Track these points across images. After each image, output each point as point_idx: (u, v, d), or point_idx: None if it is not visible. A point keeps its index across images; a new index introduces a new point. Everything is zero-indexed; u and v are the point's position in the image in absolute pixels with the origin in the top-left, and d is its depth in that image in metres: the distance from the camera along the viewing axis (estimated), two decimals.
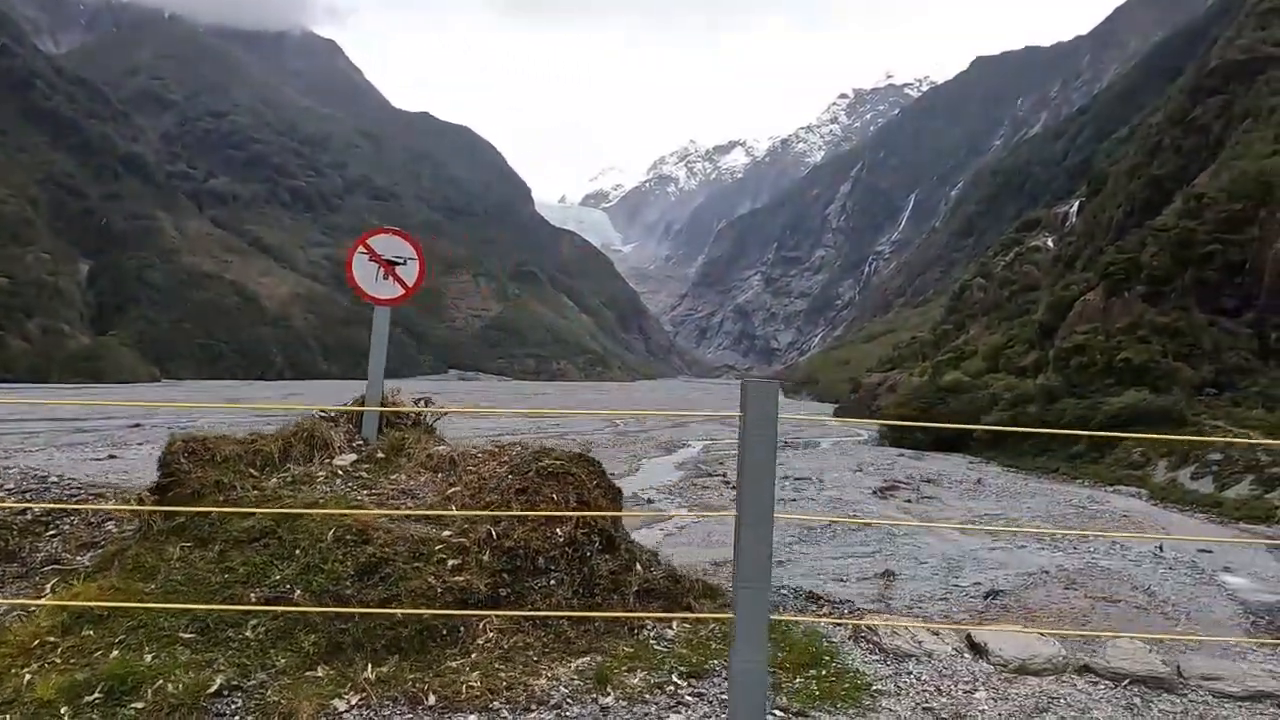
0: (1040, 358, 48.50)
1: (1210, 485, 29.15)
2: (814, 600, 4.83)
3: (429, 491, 4.56)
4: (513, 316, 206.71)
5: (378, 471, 4.87)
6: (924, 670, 3.85)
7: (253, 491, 4.44)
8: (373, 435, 5.39)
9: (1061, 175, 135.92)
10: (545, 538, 4.16)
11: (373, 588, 3.85)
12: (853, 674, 3.78)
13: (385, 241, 5.65)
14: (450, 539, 4.10)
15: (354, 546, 3.97)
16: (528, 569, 4.07)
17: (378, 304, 5.60)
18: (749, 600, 2.53)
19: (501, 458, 4.72)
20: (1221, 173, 47.92)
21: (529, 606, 3.92)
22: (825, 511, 24.42)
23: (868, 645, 4.10)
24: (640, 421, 64.26)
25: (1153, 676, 3.79)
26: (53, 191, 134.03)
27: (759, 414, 2.55)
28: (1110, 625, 13.52)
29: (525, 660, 3.69)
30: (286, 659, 3.50)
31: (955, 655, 4.01)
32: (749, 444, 2.55)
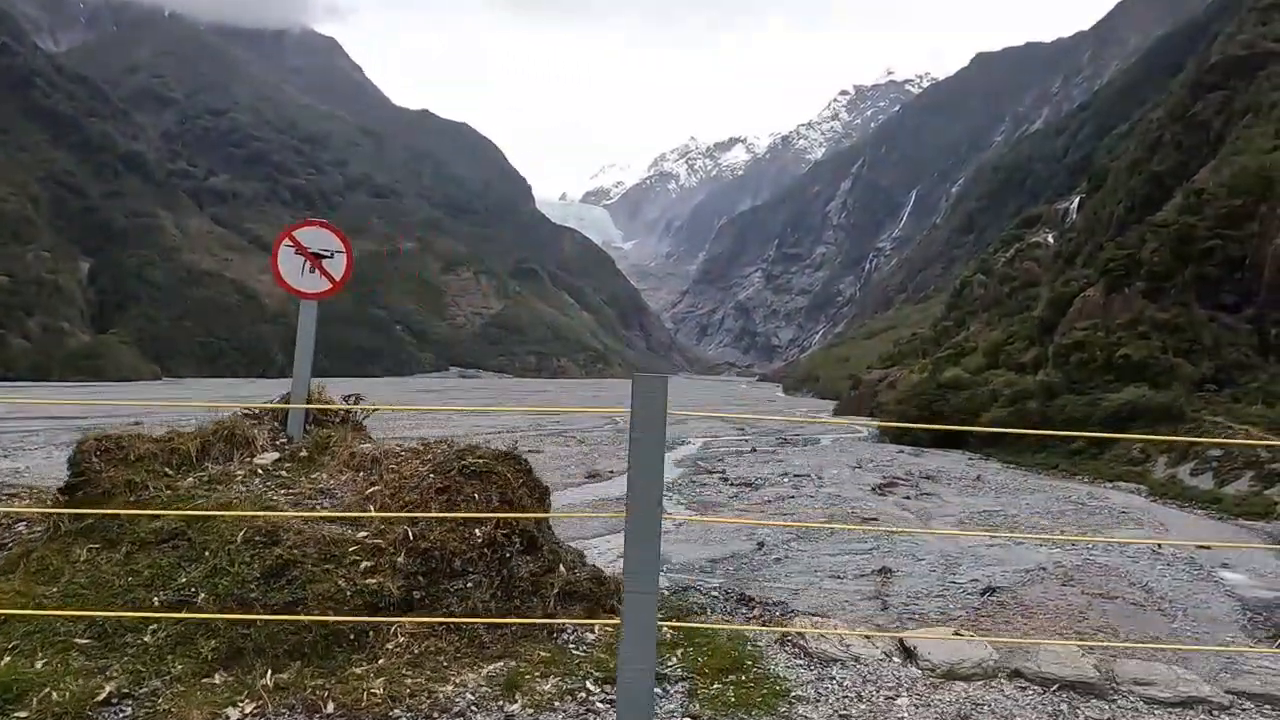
0: (1040, 354, 48.40)
1: (1210, 481, 29.08)
2: (745, 602, 4.75)
3: (348, 491, 4.45)
4: (514, 314, 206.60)
5: (299, 470, 4.78)
6: (848, 675, 3.76)
7: (166, 491, 4.31)
8: (298, 433, 5.26)
9: (1062, 171, 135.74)
10: (463, 539, 4.05)
11: (278, 591, 3.72)
12: (773, 680, 3.68)
13: (312, 234, 5.50)
14: (365, 540, 3.98)
15: (262, 548, 3.85)
16: (444, 571, 3.96)
17: (304, 298, 5.45)
18: (636, 606, 2.42)
19: (425, 456, 4.61)
20: (1222, 168, 47.77)
21: (444, 610, 3.81)
22: (825, 509, 24.37)
23: (794, 649, 3.99)
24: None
25: (1082, 682, 3.69)
26: (53, 190, 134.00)
27: (647, 411, 2.46)
28: (1107, 623, 13.47)
29: (435, 666, 3.58)
30: (184, 665, 3.40)
31: (884, 660, 3.92)
32: (636, 443, 2.44)
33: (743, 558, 17.79)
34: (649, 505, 2.43)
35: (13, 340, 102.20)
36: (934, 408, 46.08)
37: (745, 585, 15.72)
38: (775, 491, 27.31)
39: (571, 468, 31.71)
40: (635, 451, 2.46)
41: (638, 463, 2.44)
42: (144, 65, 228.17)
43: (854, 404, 75.34)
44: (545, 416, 62.37)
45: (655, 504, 2.44)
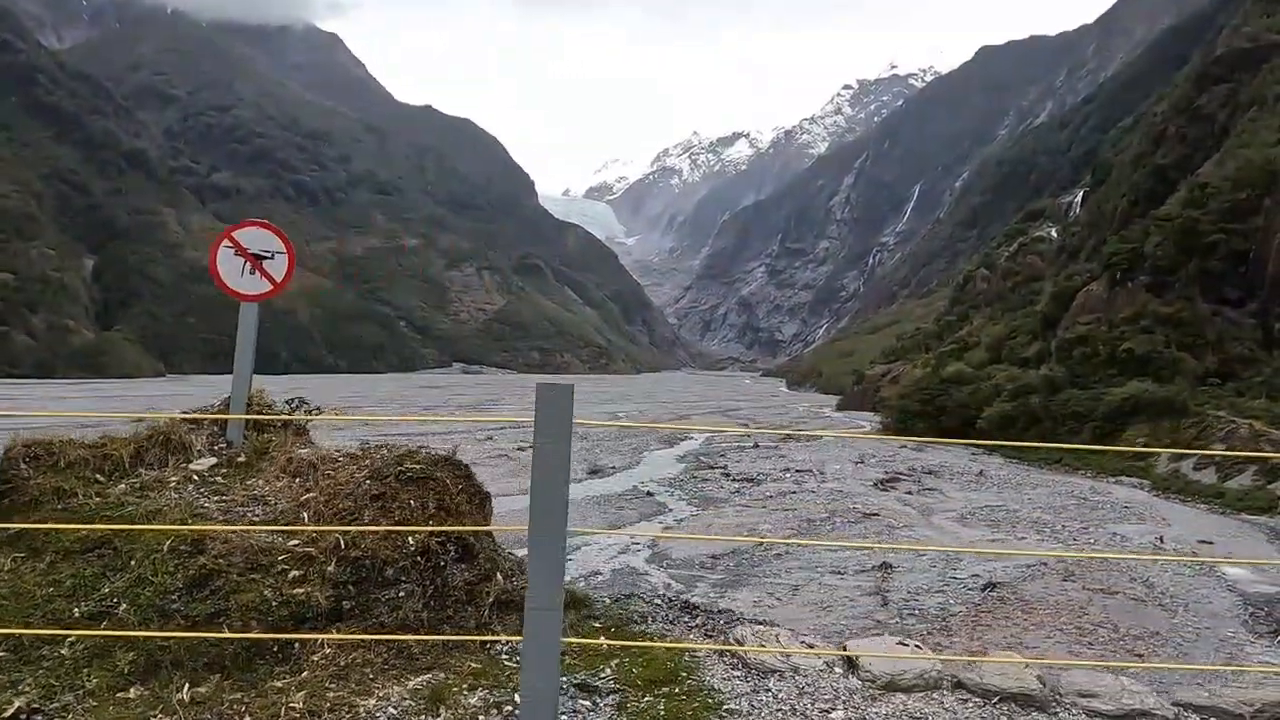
0: (1043, 348, 48.32)
1: (1213, 476, 29.02)
2: (688, 611, 4.65)
3: (283, 498, 4.34)
4: (517, 310, 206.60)
5: (234, 477, 4.65)
6: (785, 688, 3.67)
7: (95, 499, 4.19)
8: (237, 438, 5.14)
9: (1066, 165, 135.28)
10: (396, 546, 3.95)
11: (201, 602, 3.61)
12: (707, 692, 3.59)
13: (252, 235, 5.37)
14: (296, 548, 3.88)
15: (187, 557, 3.75)
16: (375, 580, 3.86)
17: (243, 300, 5.33)
18: (539, 623, 2.33)
19: (364, 461, 4.49)
20: (1226, 161, 47.56)
21: (375, 620, 3.72)
22: (827, 504, 24.33)
23: (733, 660, 3.90)
24: (644, 413, 64.27)
25: (1024, 694, 3.62)
26: (57, 187, 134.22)
27: (551, 421, 2.36)
28: (1107, 618, 13.44)
29: (361, 679, 3.47)
30: (100, 679, 3.29)
31: (825, 671, 3.84)
32: (540, 454, 2.35)
33: (744, 553, 17.79)
34: (552, 519, 2.35)
35: (17, 337, 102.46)
36: (937, 402, 46.03)
37: (746, 580, 15.74)
38: (777, 487, 27.30)
39: (574, 464, 31.68)
40: (538, 462, 2.37)
41: (541, 474, 2.36)
42: (147, 62, 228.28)
43: (857, 399, 75.29)
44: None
45: (559, 517, 2.35)
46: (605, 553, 17.88)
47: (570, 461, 2.38)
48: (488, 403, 73.14)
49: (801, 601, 14.58)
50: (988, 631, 12.56)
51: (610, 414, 63.18)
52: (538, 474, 2.37)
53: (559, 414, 2.35)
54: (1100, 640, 12.27)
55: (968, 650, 11.75)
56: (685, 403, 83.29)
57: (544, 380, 2.44)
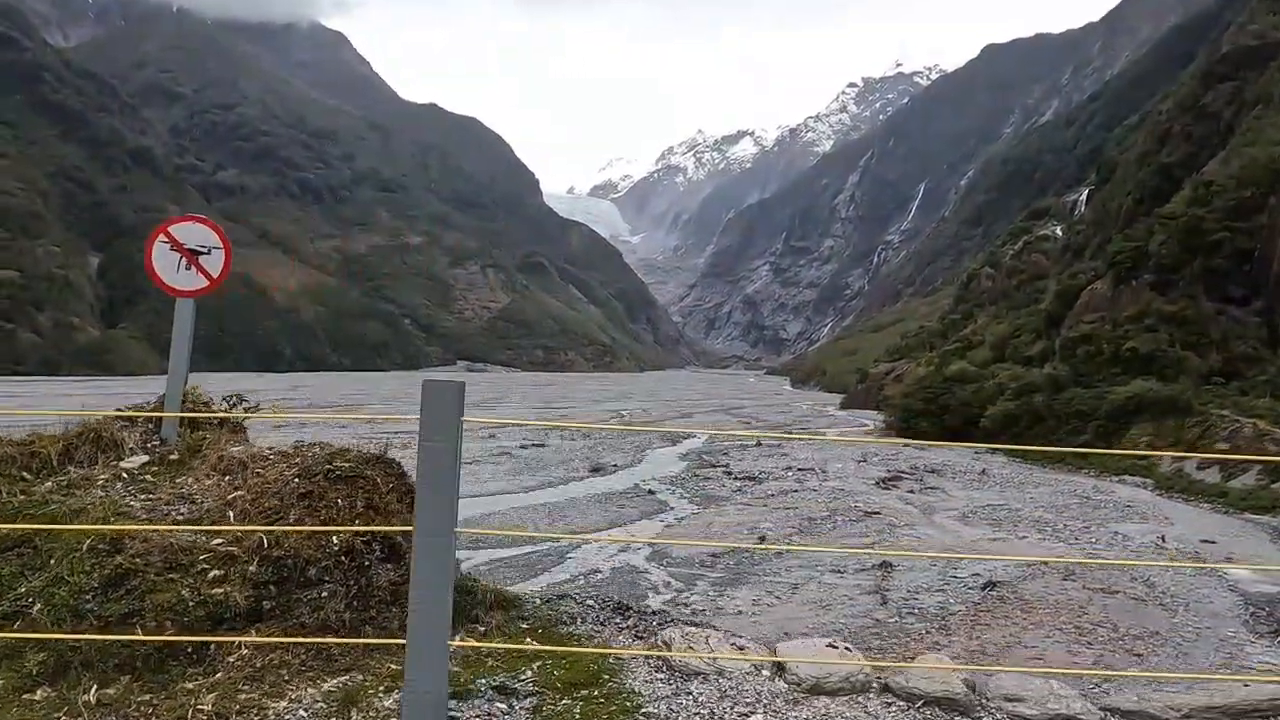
0: (1047, 347, 48.22)
1: (1216, 475, 28.92)
2: (621, 612, 4.59)
3: (210, 496, 4.30)
4: (521, 308, 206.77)
5: (164, 475, 4.61)
6: (707, 691, 3.62)
7: (20, 497, 4.17)
8: (171, 436, 5.09)
9: (1072, 163, 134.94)
10: (319, 546, 3.91)
11: (115, 602, 3.56)
12: (626, 695, 3.53)
13: (188, 229, 5.31)
14: (219, 547, 3.85)
15: (104, 556, 3.70)
16: (297, 580, 3.81)
17: (179, 296, 5.27)
18: (423, 625, 2.30)
19: (294, 459, 4.46)
20: (1231, 160, 47.40)
21: (295, 620, 3.69)
22: (829, 503, 24.30)
23: (657, 662, 3.86)
24: (648, 411, 64.31)
25: (948, 698, 3.59)
26: (62, 185, 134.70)
27: (438, 420, 2.31)
28: (1107, 617, 13.41)
29: (276, 680, 3.42)
30: (6, 680, 3.25)
31: (751, 674, 3.80)
32: (425, 454, 2.31)
33: (743, 551, 17.78)
34: (438, 520, 2.30)
35: (23, 335, 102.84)
36: (940, 401, 45.95)
37: (745, 579, 15.73)
38: (779, 486, 27.29)
39: (576, 461, 31.77)
40: (424, 461, 2.32)
41: (426, 473, 2.31)
42: (152, 60, 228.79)
43: (861, 397, 75.23)
44: (551, 410, 62.42)
45: (445, 519, 2.31)
46: (605, 551, 17.88)
47: (459, 461, 2.32)
48: (491, 400, 73.23)
49: (801, 600, 14.57)
50: (986, 631, 12.54)
51: (613, 412, 63.23)
52: (423, 474, 2.31)
53: (446, 413, 2.30)
54: (1099, 640, 12.25)
55: (967, 649, 11.75)
56: (688, 401, 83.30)
57: (431, 380, 2.39)
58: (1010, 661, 11.24)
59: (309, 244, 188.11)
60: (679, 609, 13.35)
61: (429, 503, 2.33)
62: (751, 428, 52.44)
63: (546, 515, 21.16)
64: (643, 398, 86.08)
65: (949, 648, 11.75)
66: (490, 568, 15.94)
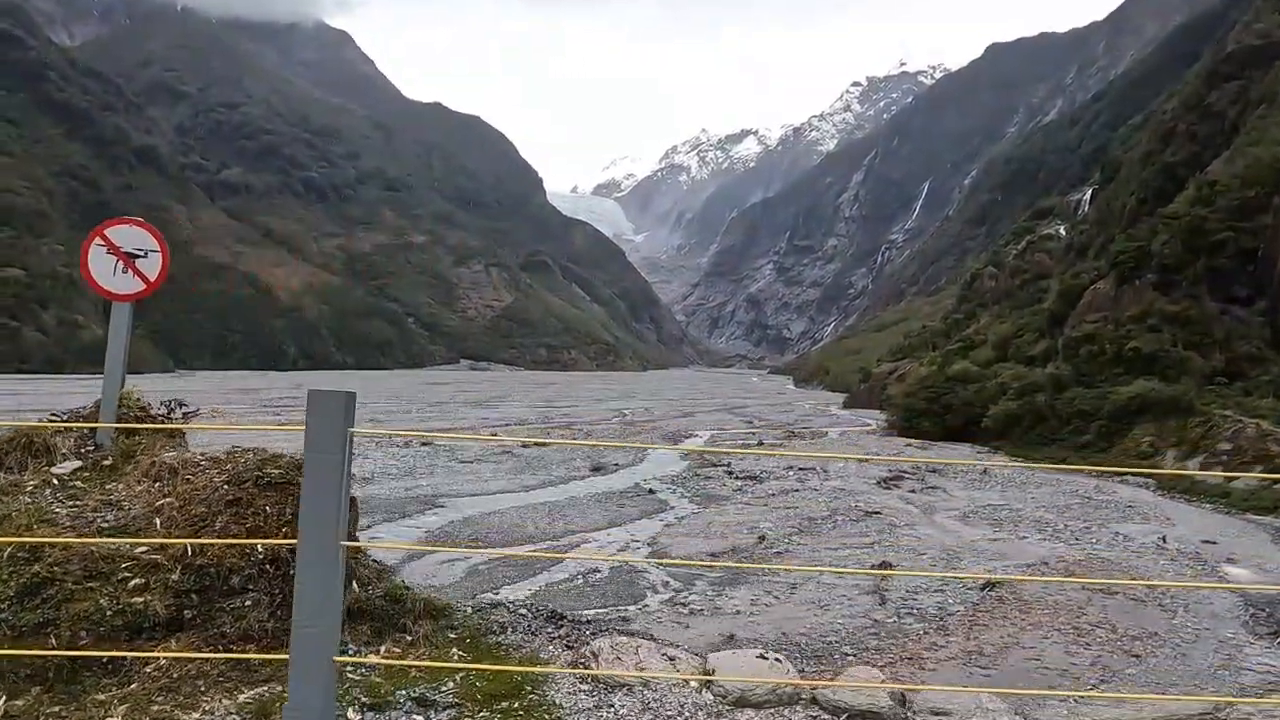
0: (1050, 347, 48.14)
1: (1218, 476, 28.86)
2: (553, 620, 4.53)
3: (139, 503, 4.26)
4: (525, 307, 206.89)
5: (95, 481, 4.57)
6: (630, 704, 3.53)
7: None
8: (106, 441, 5.04)
9: (1076, 163, 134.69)
10: (243, 554, 3.87)
11: (31, 611, 3.52)
12: (546, 708, 3.47)
13: (125, 232, 5.25)
14: (143, 555, 3.80)
15: (22, 565, 3.65)
16: (220, 589, 3.78)
17: (115, 300, 5.22)
18: (308, 643, 2.21)
19: (225, 465, 4.44)
20: (1235, 159, 47.26)
21: (216, 630, 3.66)
22: (829, 502, 24.28)
23: (585, 674, 3.82)
24: (650, 411, 64.30)
25: (873, 711, 3.58)
26: (67, 183, 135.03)
27: (324, 430, 2.25)
28: (1106, 618, 13.38)
29: (191, 691, 3.37)
30: None
31: (679, 686, 3.73)
32: (311, 465, 2.24)
33: (743, 552, 17.79)
34: (324, 533, 2.24)
35: (27, 333, 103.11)
36: (942, 401, 45.93)
37: (744, 579, 15.72)
38: (779, 485, 27.27)
39: (577, 461, 31.77)
40: (309, 474, 2.24)
41: (311, 487, 2.24)
42: (157, 59, 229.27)
43: (864, 397, 75.18)
44: (553, 409, 62.46)
45: (330, 532, 2.25)
46: (604, 550, 17.89)
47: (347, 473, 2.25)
48: (493, 399, 73.29)
49: (799, 600, 14.56)
50: (984, 631, 12.52)
51: (616, 411, 63.25)
52: (308, 487, 2.24)
53: (332, 424, 2.25)
54: (1098, 641, 12.22)
55: (964, 649, 11.73)
56: (690, 400, 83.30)
57: (317, 390, 2.33)
58: (1007, 663, 11.22)
59: (313, 243, 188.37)
60: (677, 609, 13.36)
61: (314, 516, 2.24)
62: (754, 426, 52.42)
63: (547, 514, 21.17)
64: (645, 397, 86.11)
65: (946, 648, 11.74)
66: (489, 567, 15.97)
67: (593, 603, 13.47)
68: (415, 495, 23.01)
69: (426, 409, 58.88)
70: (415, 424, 46.88)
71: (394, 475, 26.07)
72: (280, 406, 56.35)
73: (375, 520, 19.68)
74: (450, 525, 19.50)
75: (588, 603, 13.43)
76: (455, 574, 15.64)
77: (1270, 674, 11.37)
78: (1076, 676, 10.75)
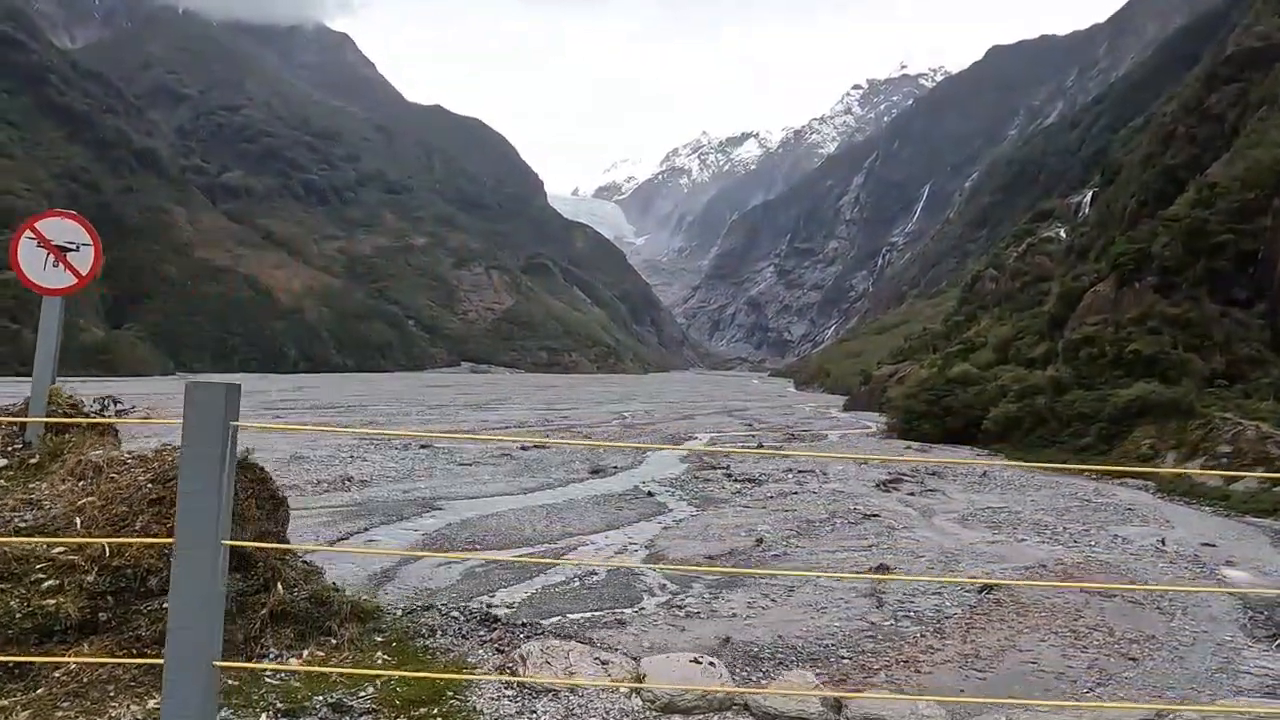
0: (1050, 349, 48.09)
1: (1218, 478, 28.82)
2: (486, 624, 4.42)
3: (60, 503, 4.17)
4: (525, 309, 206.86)
5: (19, 480, 4.49)
6: (554, 710, 3.47)
7: None
8: (34, 439, 4.95)
9: (1077, 165, 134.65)
10: (161, 554, 3.76)
11: None
12: (467, 714, 3.39)
13: (56, 225, 5.14)
14: (60, 556, 3.72)
15: None
16: (136, 590, 3.69)
17: (45, 294, 5.11)
18: (184, 647, 2.12)
19: (152, 464, 4.34)
20: (1235, 162, 47.23)
21: (132, 633, 3.59)
22: (828, 505, 24.24)
23: (511, 678, 3.75)
24: (650, 413, 64.25)
25: (803, 718, 3.54)
26: (68, 186, 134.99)
27: (203, 425, 2.14)
28: (1103, 621, 13.34)
29: (100, 697, 3.28)
30: None
31: (607, 691, 3.66)
32: (188, 462, 2.15)
33: (741, 554, 17.76)
34: (201, 531, 2.15)
35: (27, 335, 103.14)
36: (942, 403, 45.88)
37: (741, 581, 15.67)
38: (779, 488, 27.23)
39: (576, 463, 31.74)
40: (186, 469, 2.15)
41: (189, 482, 2.14)
42: (158, 62, 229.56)
43: (864, 399, 75.12)
44: (553, 411, 62.42)
45: (209, 530, 2.15)
46: (602, 553, 17.86)
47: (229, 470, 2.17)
48: (493, 402, 73.27)
49: (796, 603, 14.53)
50: (981, 634, 12.48)
51: (615, 413, 63.20)
52: (184, 483, 2.15)
53: (212, 418, 2.14)
54: (1094, 644, 12.19)
55: (961, 652, 11.70)
56: (691, 402, 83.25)
57: (196, 382, 2.24)
58: (1003, 666, 11.19)
59: (313, 245, 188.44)
60: (673, 611, 13.33)
61: (191, 515, 2.14)
62: (754, 429, 52.37)
63: (544, 517, 21.14)
64: (646, 399, 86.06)
65: (942, 651, 11.71)
66: (486, 569, 15.93)
67: (588, 606, 13.44)
68: (413, 498, 22.99)
69: (426, 411, 58.83)
70: (415, 426, 46.80)
71: (392, 478, 26.05)
72: (280, 409, 56.35)
73: (373, 523, 19.67)
74: (448, 528, 19.47)
75: (583, 606, 13.40)
76: (452, 576, 15.61)
77: (1269, 677, 11.33)
78: (1073, 680, 10.72)
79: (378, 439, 37.51)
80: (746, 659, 11.16)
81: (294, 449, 30.99)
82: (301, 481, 24.01)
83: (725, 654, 11.29)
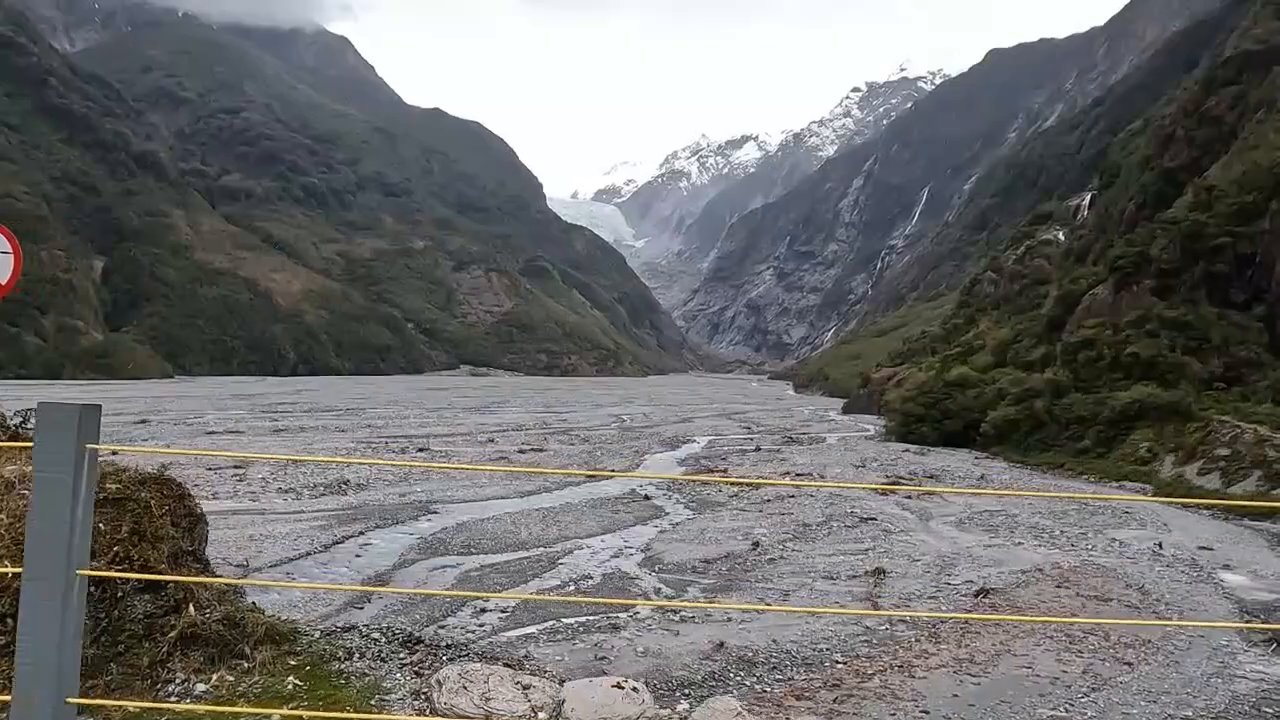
0: (1048, 352, 48.05)
1: (1217, 481, 28.81)
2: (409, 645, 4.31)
3: None
4: (525, 312, 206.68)
5: None
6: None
7: None
8: None
9: (1076, 168, 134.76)
10: None
11: None
12: None
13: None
14: None
15: None
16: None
17: None
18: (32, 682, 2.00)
19: None
20: (1233, 164, 47.26)
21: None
22: (825, 508, 24.19)
23: (425, 702, 3.63)
24: (649, 416, 64.20)
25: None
26: (67, 189, 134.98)
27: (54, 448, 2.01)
28: (1099, 625, 13.31)
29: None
30: None
31: (528, 716, 3.58)
32: (40, 487, 2.02)
33: (737, 558, 17.71)
34: (51, 560, 2.02)
35: (26, 338, 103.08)
36: (940, 406, 45.86)
37: (737, 585, 15.63)
38: (775, 491, 27.16)
39: (574, 466, 31.69)
40: (38, 494, 2.03)
41: (40, 508, 2.03)
42: (158, 65, 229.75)
43: (863, 402, 75.09)
44: (551, 414, 62.38)
45: (60, 558, 2.02)
46: (598, 556, 17.81)
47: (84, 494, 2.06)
48: (493, 404, 73.21)
49: (796, 604, 14.49)
50: (977, 639, 12.44)
51: (614, 416, 63.16)
52: (36, 508, 2.03)
53: (63, 440, 2.03)
54: (1090, 648, 12.15)
55: (956, 657, 11.65)
56: (689, 405, 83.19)
57: (48, 404, 2.12)
58: (998, 671, 11.15)
59: (313, 248, 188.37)
60: (667, 616, 13.28)
61: (42, 544, 2.02)
62: (752, 432, 52.32)
63: (540, 520, 21.10)
64: (644, 402, 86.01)
65: (937, 656, 11.67)
66: (480, 574, 15.90)
67: (583, 610, 13.40)
68: (410, 501, 22.95)
69: (425, 414, 58.77)
70: (415, 427, 46.68)
71: (390, 481, 26.01)
72: (278, 413, 56.30)
73: (369, 526, 19.63)
74: (444, 532, 19.43)
75: (578, 610, 13.36)
76: (447, 580, 15.58)
77: (1264, 681, 11.30)
78: (1068, 685, 10.68)
79: (374, 442, 37.48)
80: (740, 664, 11.12)
81: (290, 453, 30.95)
82: (298, 485, 23.99)
83: (719, 658, 11.25)
